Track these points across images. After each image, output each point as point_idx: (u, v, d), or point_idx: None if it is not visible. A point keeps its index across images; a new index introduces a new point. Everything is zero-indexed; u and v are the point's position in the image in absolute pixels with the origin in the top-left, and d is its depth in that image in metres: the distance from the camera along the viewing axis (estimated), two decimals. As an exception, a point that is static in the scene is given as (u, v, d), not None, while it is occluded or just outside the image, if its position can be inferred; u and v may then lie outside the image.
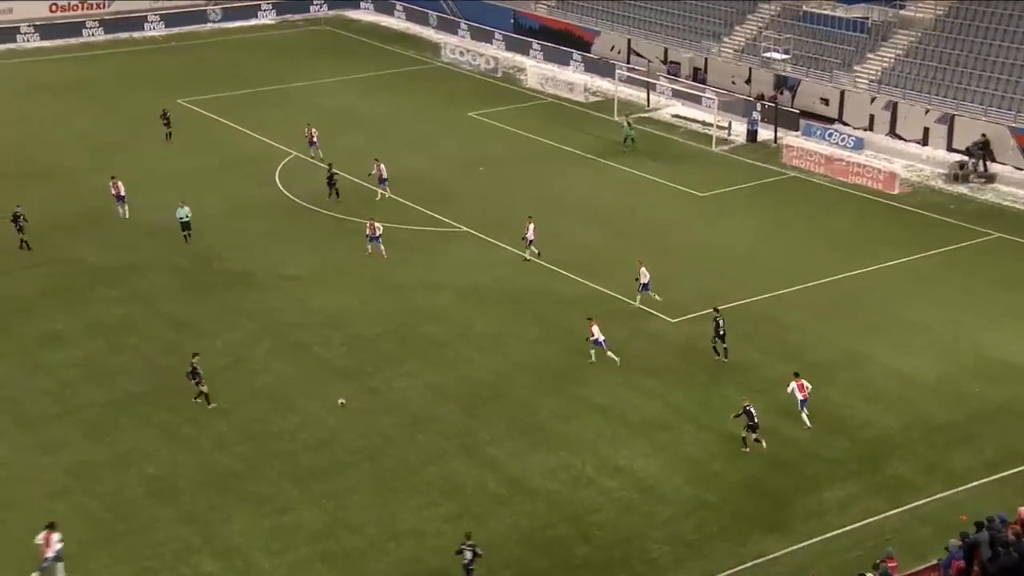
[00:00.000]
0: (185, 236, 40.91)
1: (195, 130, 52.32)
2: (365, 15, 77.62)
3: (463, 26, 71.36)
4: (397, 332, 34.56)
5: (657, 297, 35.56)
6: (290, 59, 66.38)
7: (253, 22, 75.32)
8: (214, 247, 40.58)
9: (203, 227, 42.12)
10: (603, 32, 64.82)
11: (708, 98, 55.73)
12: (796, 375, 29.86)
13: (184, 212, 41.05)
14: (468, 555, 23.70)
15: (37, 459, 28.28)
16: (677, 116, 56.50)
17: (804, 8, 58.12)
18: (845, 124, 53.17)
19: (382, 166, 44.48)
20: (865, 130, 52.37)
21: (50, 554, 23.94)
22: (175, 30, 72.60)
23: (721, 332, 32.51)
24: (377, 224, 39.36)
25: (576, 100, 58.79)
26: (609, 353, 32.18)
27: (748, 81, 57.59)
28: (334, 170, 44.30)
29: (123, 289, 37.20)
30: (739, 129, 53.54)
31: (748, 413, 28.17)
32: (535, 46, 66.80)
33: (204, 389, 30.32)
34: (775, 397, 30.71)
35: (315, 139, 48.99)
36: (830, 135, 52.07)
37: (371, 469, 27.80)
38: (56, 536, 24.04)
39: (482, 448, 28.68)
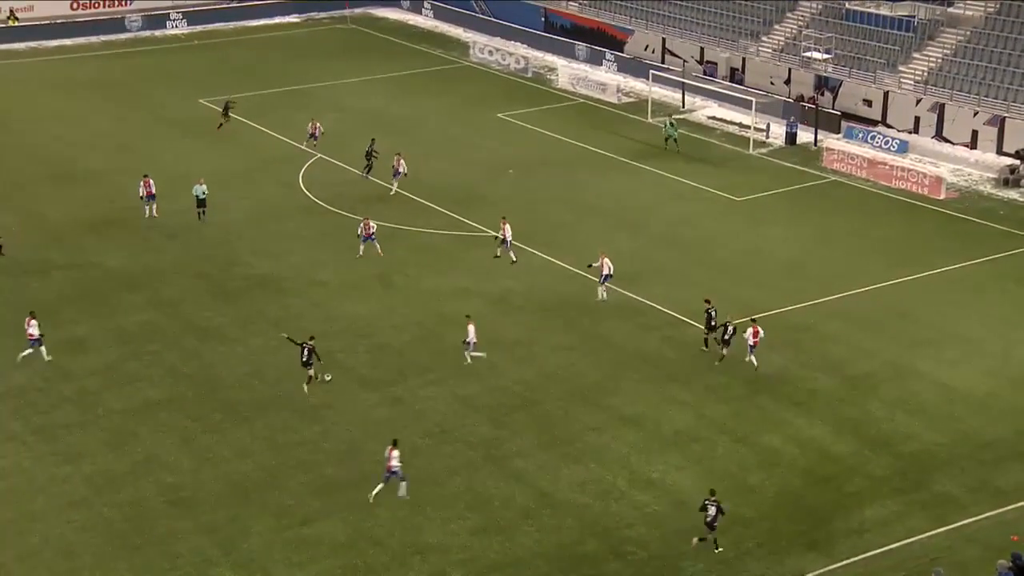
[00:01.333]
0: (199, 213, 42.41)
1: (218, 131, 52.73)
2: (392, 13, 77.96)
3: (492, 24, 71.57)
4: (424, 340, 34.67)
5: (602, 295, 36.01)
6: (315, 58, 66.79)
7: (278, 20, 75.83)
8: (238, 251, 40.84)
9: (227, 231, 42.42)
10: (637, 31, 64.78)
11: (745, 99, 55.62)
12: (753, 321, 32.91)
13: (201, 189, 42.54)
14: (712, 511, 24.92)
15: (58, 469, 28.53)
16: (713, 118, 56.37)
17: (847, 6, 57.84)
18: (889, 127, 52.87)
19: (402, 161, 45.27)
20: (910, 133, 52.05)
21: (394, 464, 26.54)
22: (198, 28, 73.22)
23: (713, 324, 33.12)
24: (372, 223, 39.70)
25: (608, 101, 58.79)
26: (471, 353, 32.43)
27: (787, 82, 57.39)
28: (375, 147, 46.08)
29: (146, 294, 37.52)
30: (778, 131, 53.36)
31: (708, 316, 32.91)
32: (566, 45, 66.88)
33: (311, 373, 31.44)
34: (814, 410, 30.51)
35: (317, 132, 50.13)
36: (873, 138, 51.79)
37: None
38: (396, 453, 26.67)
39: (510, 460, 28.69)
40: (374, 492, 26.93)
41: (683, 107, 57.71)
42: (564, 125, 54.67)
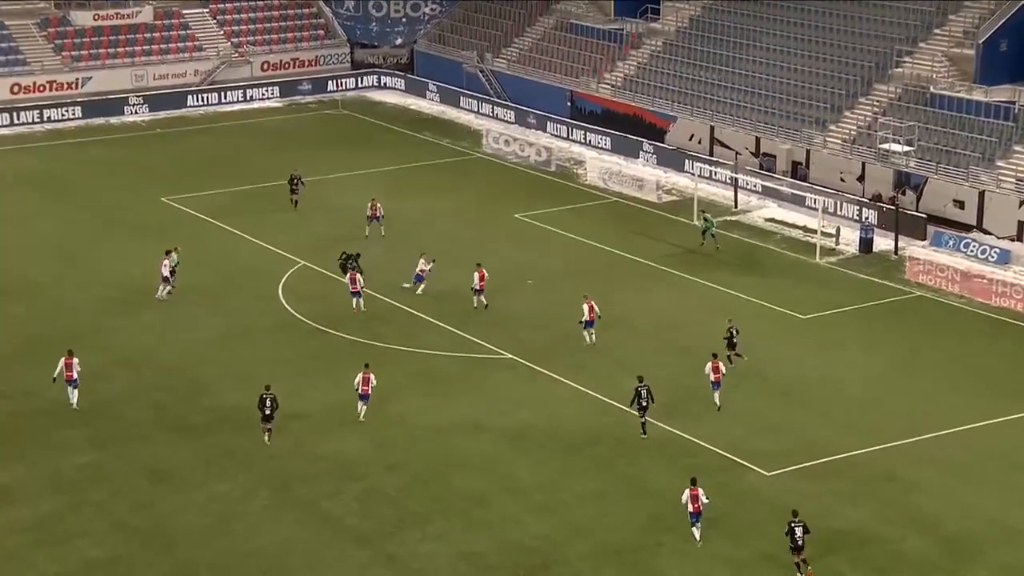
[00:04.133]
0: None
1: (184, 235, 53.37)
2: (391, 96, 79.62)
3: (509, 110, 72.99)
4: (425, 484, 34.54)
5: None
6: (299, 148, 67.94)
7: (256, 104, 77.52)
8: (203, 378, 40.97)
9: (191, 354, 42.67)
10: (680, 117, 65.91)
11: (811, 198, 56.16)
12: (714, 356, 38.00)
13: (173, 260, 45.96)
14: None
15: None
16: (772, 220, 56.93)
17: (931, 90, 58.68)
18: (986, 232, 53.16)
19: (379, 206, 52.50)
20: (1013, 240, 52.29)
21: None
22: (161, 114, 74.81)
23: (644, 404, 36.30)
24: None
25: (647, 200, 59.50)
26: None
27: (861, 179, 58.03)
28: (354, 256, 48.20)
29: (90, 431, 37.49)
30: (850, 237, 53.79)
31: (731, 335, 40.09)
32: (597, 134, 68.04)
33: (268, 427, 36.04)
34: None
35: (379, 214, 53.41)
36: (967, 246, 52.09)
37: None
38: None
39: (529, 634, 28.33)
40: None
41: (735, 207, 58.35)
42: (593, 227, 55.22)
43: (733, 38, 67.57)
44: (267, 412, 36.42)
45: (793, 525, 30.33)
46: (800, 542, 30.19)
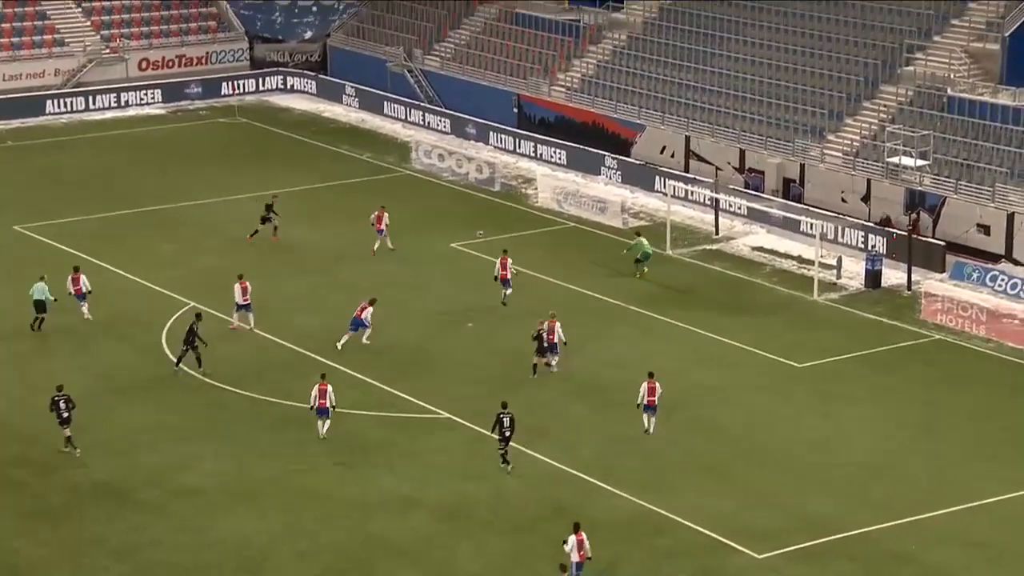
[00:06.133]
0: (34, 323, 47.00)
1: (41, 270, 52.75)
2: (299, 101, 79.59)
3: (443, 117, 73.22)
4: (343, 575, 34.32)
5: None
6: (186, 164, 67.67)
7: (133, 112, 77.16)
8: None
9: (51, 418, 42.15)
10: (649, 126, 66.33)
11: (807, 223, 56.59)
12: (651, 375, 40.15)
13: (42, 289, 47.10)
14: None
15: None
16: (760, 249, 57.32)
17: (949, 92, 59.32)
18: (1016, 263, 53.72)
19: (385, 215, 55.80)
20: (1048, 271, 52.89)
21: None
22: (13, 123, 74.07)
23: (505, 435, 38.56)
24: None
25: (610, 225, 59.72)
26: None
27: (866, 199, 58.57)
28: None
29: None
30: (854, 269, 54.22)
31: (539, 337, 43.71)
32: (549, 147, 68.29)
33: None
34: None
35: (384, 225, 55.82)
36: (994, 279, 52.57)
37: None
38: None
39: None
40: None
41: (716, 234, 58.73)
42: (546, 258, 55.34)
43: (712, 31, 68.14)
44: (64, 415, 38.87)
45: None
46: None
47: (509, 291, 49.97)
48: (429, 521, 36.66)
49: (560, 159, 67.65)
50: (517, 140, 69.82)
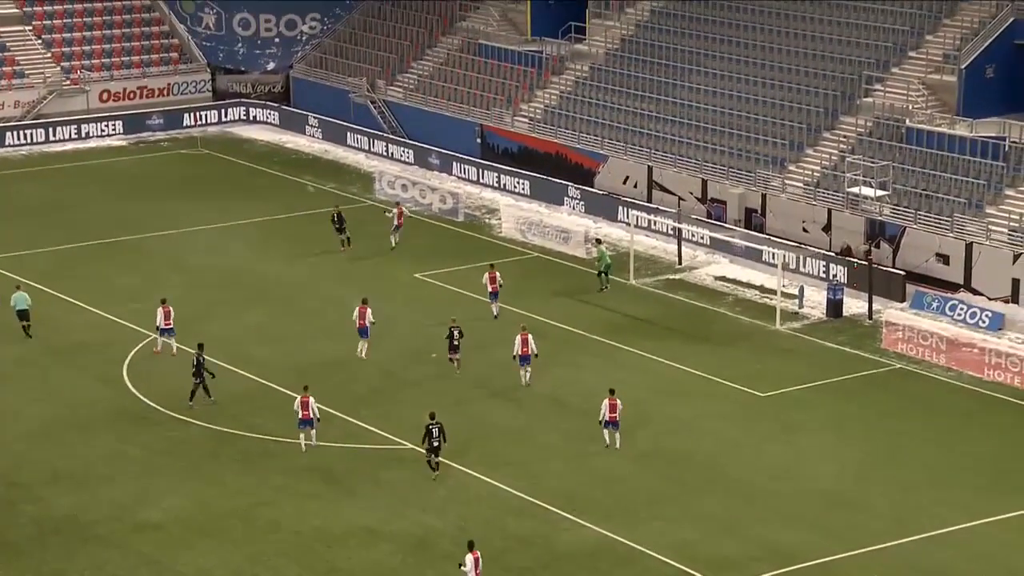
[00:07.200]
0: (25, 328, 49.15)
1: (13, 285, 52.67)
2: (262, 132, 79.54)
3: (406, 148, 73.34)
4: (306, 607, 34.35)
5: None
6: (147, 197, 67.46)
7: (94, 143, 76.93)
8: (27, 480, 40.35)
9: (9, 451, 42.06)
10: (612, 157, 66.57)
11: (768, 252, 56.83)
12: (611, 392, 41.13)
13: (22, 298, 48.88)
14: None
15: None
16: (723, 279, 57.50)
17: (907, 123, 59.75)
18: (976, 292, 53.95)
19: (404, 210, 59.91)
20: (1007, 302, 53.05)
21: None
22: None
23: (437, 447, 39.52)
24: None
25: (573, 255, 59.87)
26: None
27: (827, 228, 58.87)
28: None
29: None
30: (815, 298, 54.46)
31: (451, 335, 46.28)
32: (512, 177, 68.47)
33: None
34: None
35: (401, 220, 60.06)
36: (953, 308, 52.81)
37: None
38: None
39: None
40: None
41: (679, 263, 58.93)
42: (510, 288, 55.31)
43: (673, 62, 68.57)
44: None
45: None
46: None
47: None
48: (391, 553, 36.57)
49: (523, 189, 67.85)
50: (480, 170, 70.00)
